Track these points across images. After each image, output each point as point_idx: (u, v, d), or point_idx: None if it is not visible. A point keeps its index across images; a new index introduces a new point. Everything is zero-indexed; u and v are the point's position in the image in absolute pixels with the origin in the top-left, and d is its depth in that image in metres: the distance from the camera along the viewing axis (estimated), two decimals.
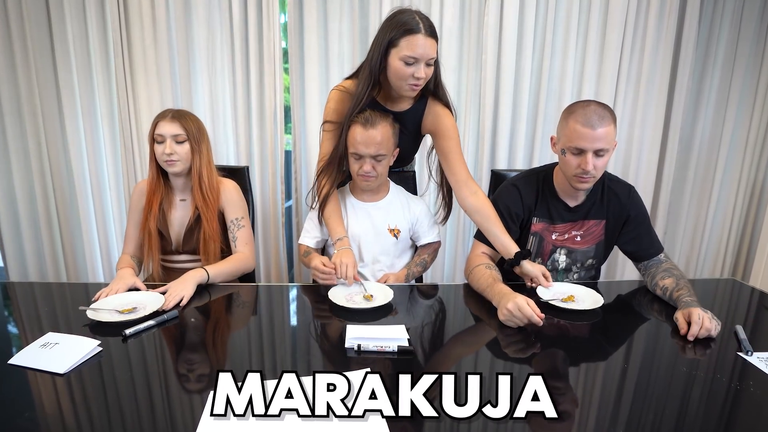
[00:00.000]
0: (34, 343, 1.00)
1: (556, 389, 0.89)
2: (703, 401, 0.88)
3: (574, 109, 1.28)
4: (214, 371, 0.94)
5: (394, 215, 1.60)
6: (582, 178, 1.29)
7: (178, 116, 1.44)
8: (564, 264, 1.47)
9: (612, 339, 1.13)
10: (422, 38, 1.30)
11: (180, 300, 1.22)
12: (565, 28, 2.30)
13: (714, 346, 1.06)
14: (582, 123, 1.24)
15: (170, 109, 1.47)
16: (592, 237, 1.44)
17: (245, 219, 1.54)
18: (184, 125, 1.43)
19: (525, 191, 1.43)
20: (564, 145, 1.30)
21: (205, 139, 1.48)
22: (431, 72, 1.38)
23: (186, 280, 1.29)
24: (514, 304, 1.11)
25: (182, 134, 1.43)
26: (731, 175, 2.63)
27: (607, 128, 1.23)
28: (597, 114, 1.23)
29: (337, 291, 1.31)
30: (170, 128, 1.42)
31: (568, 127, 1.27)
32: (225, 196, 1.52)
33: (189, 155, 1.45)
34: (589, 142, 1.24)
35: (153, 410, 0.82)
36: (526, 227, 1.45)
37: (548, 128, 2.42)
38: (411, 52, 1.30)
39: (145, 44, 2.19)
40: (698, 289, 1.25)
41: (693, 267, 2.75)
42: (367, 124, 1.42)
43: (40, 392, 0.86)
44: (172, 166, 1.43)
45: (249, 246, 1.53)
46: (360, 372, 0.91)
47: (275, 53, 2.22)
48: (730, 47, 2.44)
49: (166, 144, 1.41)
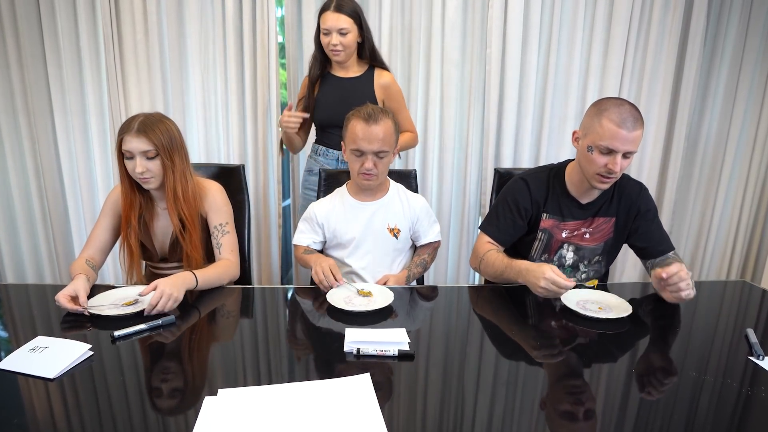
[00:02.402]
0: (23, 347, 1.00)
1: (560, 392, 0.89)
2: (713, 407, 0.87)
3: (607, 106, 1.26)
4: (208, 376, 0.94)
5: (393, 214, 1.59)
6: (605, 177, 1.29)
7: (144, 129, 1.31)
8: (571, 261, 1.48)
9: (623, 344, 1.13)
10: (330, 13, 1.78)
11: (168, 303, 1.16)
12: (571, 21, 2.30)
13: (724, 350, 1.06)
14: (617, 123, 1.22)
15: (136, 117, 1.34)
16: (602, 234, 1.45)
17: (230, 224, 1.48)
18: (153, 139, 1.31)
19: (534, 186, 1.44)
20: (592, 143, 1.28)
21: (177, 147, 1.37)
22: (348, 41, 1.81)
23: (176, 284, 1.21)
24: (546, 282, 1.18)
25: (151, 150, 1.31)
26: (739, 173, 2.63)
27: (640, 131, 1.24)
28: (632, 115, 1.23)
29: (335, 293, 1.30)
30: (137, 144, 1.30)
31: (601, 124, 1.25)
32: (208, 200, 1.45)
33: (162, 170, 1.35)
34: (622, 143, 1.23)
35: (146, 416, 0.81)
36: (535, 223, 1.46)
37: (554, 125, 2.42)
38: (324, 25, 1.80)
39: (137, 39, 2.19)
40: (706, 291, 1.26)
41: (698, 267, 2.75)
42: (369, 119, 1.42)
43: (30, 398, 0.86)
44: (147, 183, 1.35)
45: (234, 254, 1.46)
46: (359, 377, 0.91)
47: (270, 48, 2.21)
48: (739, 42, 2.44)
49: (136, 161, 1.31)
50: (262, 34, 2.20)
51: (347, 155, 1.51)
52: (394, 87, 1.96)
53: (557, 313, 1.25)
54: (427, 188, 2.43)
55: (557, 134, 2.44)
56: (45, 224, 2.43)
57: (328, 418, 0.79)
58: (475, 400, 0.89)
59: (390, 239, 1.58)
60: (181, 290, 1.21)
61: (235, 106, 2.30)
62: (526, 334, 1.16)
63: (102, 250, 1.44)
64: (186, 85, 2.28)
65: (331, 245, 1.62)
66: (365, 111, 1.44)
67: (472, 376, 0.97)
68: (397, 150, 1.54)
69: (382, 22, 2.22)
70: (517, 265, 1.30)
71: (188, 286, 1.26)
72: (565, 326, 1.18)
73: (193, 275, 1.28)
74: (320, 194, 1.77)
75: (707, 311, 1.33)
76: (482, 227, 1.51)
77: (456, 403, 0.88)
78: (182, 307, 1.24)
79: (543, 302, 1.32)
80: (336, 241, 1.59)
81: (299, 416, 0.80)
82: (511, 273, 1.31)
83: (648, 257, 1.45)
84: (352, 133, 1.44)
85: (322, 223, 1.59)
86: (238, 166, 1.71)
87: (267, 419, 0.78)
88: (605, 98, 1.31)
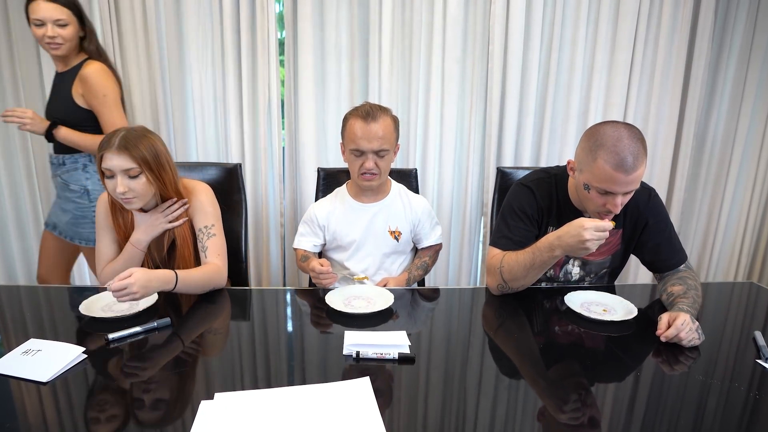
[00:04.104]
0: (15, 350, 1.00)
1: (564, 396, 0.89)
2: (720, 411, 0.87)
3: (603, 141, 1.14)
4: (204, 379, 0.94)
5: (395, 216, 1.58)
6: (605, 215, 1.22)
7: (126, 145, 1.23)
8: (577, 276, 1.45)
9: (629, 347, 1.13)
10: (42, 3, 1.64)
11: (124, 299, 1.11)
12: (576, 17, 2.30)
13: (731, 353, 1.06)
14: (614, 165, 1.11)
15: (117, 132, 1.26)
16: (608, 248, 1.39)
17: (216, 227, 1.42)
18: (135, 156, 1.24)
19: (539, 194, 1.36)
20: (588, 182, 1.18)
21: (164, 163, 1.30)
22: (68, 33, 1.69)
23: (149, 284, 1.14)
24: (590, 231, 1.10)
25: (134, 168, 1.24)
26: (747, 173, 2.63)
27: (641, 168, 1.12)
28: (632, 152, 1.11)
29: (335, 295, 1.30)
30: (119, 162, 1.23)
31: (596, 165, 1.14)
32: (193, 202, 1.40)
33: (147, 188, 1.28)
34: (622, 187, 1.14)
35: (140, 421, 0.81)
36: (540, 234, 1.38)
37: (557, 123, 2.42)
38: (34, 15, 1.66)
39: (137, 36, 2.19)
40: (714, 293, 1.25)
41: (705, 268, 2.75)
42: (368, 117, 1.40)
43: (23, 402, 0.86)
44: (130, 203, 1.29)
45: (221, 258, 1.39)
46: (359, 381, 0.91)
47: (270, 44, 2.21)
48: (746, 38, 2.43)
49: (117, 180, 1.24)
50: (261, 30, 2.20)
51: (346, 156, 1.49)
52: (93, 78, 1.71)
53: (561, 315, 1.25)
54: (427, 187, 2.43)
55: (560, 133, 2.43)
56: (37, 225, 2.43)
57: (327, 423, 0.79)
58: (477, 405, 0.89)
59: (391, 242, 1.57)
60: (149, 292, 1.16)
61: (234, 104, 2.30)
62: (530, 336, 1.16)
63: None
64: (184, 81, 2.28)
65: (330, 247, 1.62)
66: (363, 109, 1.42)
67: (474, 379, 0.97)
68: None
69: (383, 18, 2.22)
70: (544, 241, 1.20)
71: (164, 287, 1.20)
72: (570, 329, 1.18)
73: (174, 276, 1.22)
74: (319, 194, 1.77)
75: (714, 313, 1.33)
76: (493, 242, 1.39)
77: (458, 407, 0.88)
78: (178, 309, 1.24)
79: (547, 304, 1.32)
80: (336, 243, 1.59)
81: (297, 421, 0.80)
82: (542, 255, 1.20)
83: (657, 271, 1.39)
84: (351, 132, 1.42)
85: (323, 225, 1.58)
86: (236, 165, 1.71)
87: (264, 424, 0.78)
88: (600, 126, 1.19)
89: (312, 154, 2.36)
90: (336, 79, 2.30)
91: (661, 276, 1.39)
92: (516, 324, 1.25)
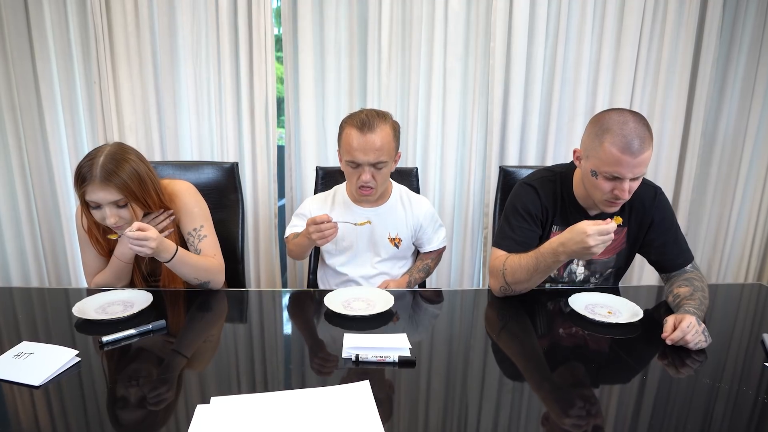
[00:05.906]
0: (6, 353, 1.00)
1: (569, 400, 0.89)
2: (728, 416, 0.87)
3: (609, 125, 1.17)
4: (200, 383, 0.94)
5: (395, 222, 1.54)
6: (614, 202, 1.24)
7: (108, 177, 1.19)
8: (582, 276, 1.45)
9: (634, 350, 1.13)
10: None
11: (138, 243, 1.16)
12: (580, 12, 2.29)
13: (739, 356, 1.06)
14: (621, 148, 1.14)
15: (94, 160, 1.20)
16: (613, 247, 1.39)
17: (206, 227, 1.39)
18: (120, 186, 1.21)
19: (543, 193, 1.37)
20: (595, 168, 1.20)
21: (146, 179, 1.27)
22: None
23: (161, 242, 1.21)
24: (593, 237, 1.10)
25: (121, 198, 1.22)
26: (757, 171, 2.62)
27: (648, 151, 1.15)
28: (638, 135, 1.14)
29: (334, 297, 1.30)
30: (104, 195, 1.20)
31: (603, 149, 1.17)
32: (178, 205, 1.36)
33: (136, 213, 1.27)
34: (629, 170, 1.16)
35: (135, 426, 0.81)
36: (544, 234, 1.40)
37: (562, 122, 2.41)
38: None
39: (128, 31, 2.18)
40: (722, 295, 1.25)
41: (716, 270, 2.75)
42: (365, 127, 1.34)
43: (15, 406, 0.86)
44: (120, 229, 1.27)
45: (218, 257, 1.39)
46: (358, 384, 0.91)
47: (266, 40, 2.21)
48: (757, 32, 2.42)
49: (106, 211, 1.23)
50: (257, 26, 2.19)
51: (343, 165, 1.45)
52: None
53: (565, 318, 1.25)
54: (428, 186, 2.43)
55: (566, 131, 2.42)
56: (32, 225, 2.43)
57: (326, 428, 0.79)
58: (480, 409, 0.89)
59: (390, 249, 1.56)
60: (157, 252, 1.22)
61: (230, 101, 2.30)
62: (533, 339, 1.16)
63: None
64: (178, 78, 2.28)
65: (326, 249, 1.60)
66: (359, 117, 1.36)
67: (476, 383, 0.96)
68: None
69: (383, 13, 2.22)
70: (547, 246, 1.21)
71: (165, 254, 1.24)
72: (574, 331, 1.18)
73: (175, 249, 1.26)
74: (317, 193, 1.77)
75: (722, 316, 1.32)
76: (496, 243, 1.39)
77: (459, 412, 0.88)
78: (173, 312, 1.25)
79: (550, 306, 1.32)
80: (332, 245, 1.56)
81: (295, 425, 0.80)
82: (546, 260, 1.21)
83: (663, 271, 1.40)
84: (347, 143, 1.37)
85: None
86: (232, 164, 1.71)
87: (261, 429, 0.78)
88: (606, 113, 1.22)
89: (312, 151, 2.36)
90: (336, 77, 2.30)
91: (667, 276, 1.39)
92: (519, 326, 1.25)
